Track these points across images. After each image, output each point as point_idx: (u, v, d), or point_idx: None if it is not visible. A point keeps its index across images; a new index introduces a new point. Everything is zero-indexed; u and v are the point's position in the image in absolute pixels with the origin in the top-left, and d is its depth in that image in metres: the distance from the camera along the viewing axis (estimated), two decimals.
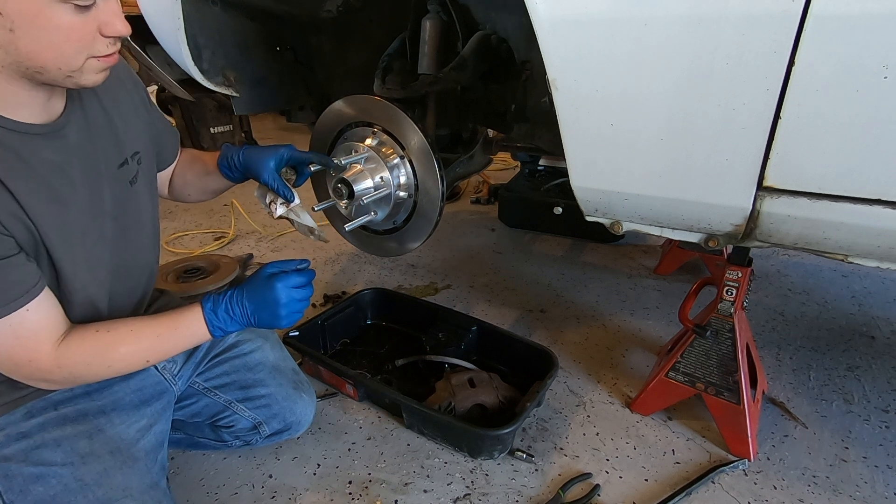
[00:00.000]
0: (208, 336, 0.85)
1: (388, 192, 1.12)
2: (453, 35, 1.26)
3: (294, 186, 1.03)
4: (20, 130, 0.71)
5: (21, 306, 0.70)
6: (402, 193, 1.13)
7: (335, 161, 1.10)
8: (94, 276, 0.82)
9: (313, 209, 1.06)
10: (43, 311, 0.74)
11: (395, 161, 1.11)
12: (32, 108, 0.72)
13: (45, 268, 0.75)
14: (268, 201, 0.99)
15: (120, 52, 0.78)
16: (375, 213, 1.11)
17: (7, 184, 0.68)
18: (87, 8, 0.65)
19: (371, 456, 1.19)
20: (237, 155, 0.99)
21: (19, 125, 0.70)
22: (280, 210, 0.98)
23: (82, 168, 0.79)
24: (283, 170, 1.01)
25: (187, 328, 0.84)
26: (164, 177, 1.08)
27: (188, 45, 1.15)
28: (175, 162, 1.09)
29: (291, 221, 1.02)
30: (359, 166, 1.10)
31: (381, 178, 1.11)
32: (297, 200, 1.00)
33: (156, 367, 0.99)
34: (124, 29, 0.71)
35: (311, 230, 1.02)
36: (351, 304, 1.63)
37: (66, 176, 0.76)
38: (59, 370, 0.75)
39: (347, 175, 1.10)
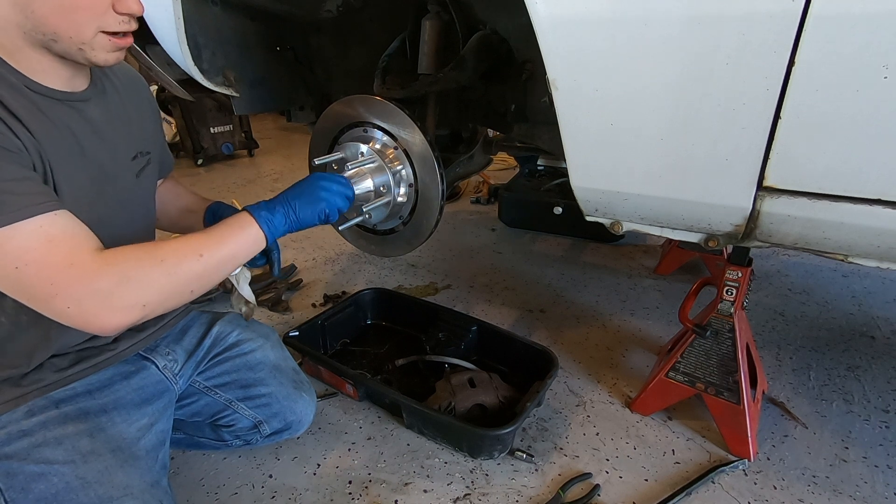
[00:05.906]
0: (260, 232, 0.83)
1: (387, 192, 1.12)
2: (453, 35, 1.26)
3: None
4: (43, 93, 0.73)
5: (49, 210, 0.67)
6: (401, 193, 1.13)
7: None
8: None
9: None
10: (73, 220, 0.71)
11: (395, 161, 1.11)
12: (55, 79, 0.75)
13: None
14: None
15: None
16: (370, 215, 1.12)
17: (32, 130, 0.70)
18: None
19: (371, 456, 1.19)
20: (226, 211, 1.08)
21: (44, 88, 0.74)
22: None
23: (95, 144, 0.81)
24: None
25: (233, 223, 0.83)
26: None
27: (188, 45, 1.15)
28: (161, 181, 1.12)
29: (232, 286, 1.04)
30: (359, 167, 1.11)
31: (381, 179, 1.11)
32: (248, 273, 1.07)
33: (157, 366, 1.00)
34: (137, 7, 0.73)
35: (246, 302, 1.08)
36: (351, 304, 1.63)
37: (78, 144, 0.78)
38: (108, 269, 0.68)
39: (347, 176, 1.10)
